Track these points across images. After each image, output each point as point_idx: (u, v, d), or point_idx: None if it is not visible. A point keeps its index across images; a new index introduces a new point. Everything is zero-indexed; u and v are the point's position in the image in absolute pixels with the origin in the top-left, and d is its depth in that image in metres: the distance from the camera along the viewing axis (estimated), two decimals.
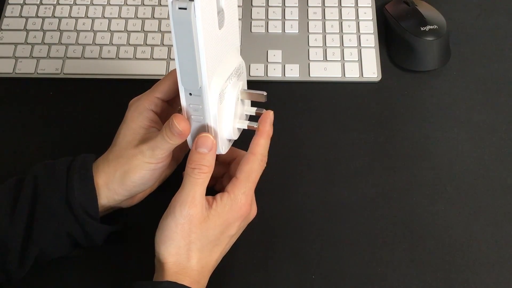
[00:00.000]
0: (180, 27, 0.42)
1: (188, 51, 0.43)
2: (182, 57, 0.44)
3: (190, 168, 0.48)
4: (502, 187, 0.59)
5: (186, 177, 0.48)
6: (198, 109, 0.47)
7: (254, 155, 0.50)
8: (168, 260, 0.47)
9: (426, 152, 0.62)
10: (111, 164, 0.51)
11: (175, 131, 0.47)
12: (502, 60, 0.68)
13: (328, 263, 0.55)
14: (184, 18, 0.41)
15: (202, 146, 0.48)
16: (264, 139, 0.51)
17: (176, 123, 0.47)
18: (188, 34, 0.42)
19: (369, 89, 0.66)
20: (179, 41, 0.43)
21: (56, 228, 0.50)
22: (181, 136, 0.48)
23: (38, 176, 0.51)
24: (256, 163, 0.50)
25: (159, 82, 0.53)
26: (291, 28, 0.70)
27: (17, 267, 0.50)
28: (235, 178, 0.50)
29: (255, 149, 0.50)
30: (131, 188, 0.51)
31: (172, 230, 0.47)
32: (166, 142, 0.48)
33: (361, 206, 0.58)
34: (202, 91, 0.46)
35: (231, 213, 0.49)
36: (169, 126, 0.47)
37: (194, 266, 0.48)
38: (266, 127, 0.51)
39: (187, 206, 0.47)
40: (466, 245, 0.56)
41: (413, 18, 0.67)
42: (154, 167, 0.50)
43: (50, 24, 0.70)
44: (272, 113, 0.52)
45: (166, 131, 0.48)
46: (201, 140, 0.48)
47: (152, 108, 0.52)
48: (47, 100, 0.66)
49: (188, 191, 0.47)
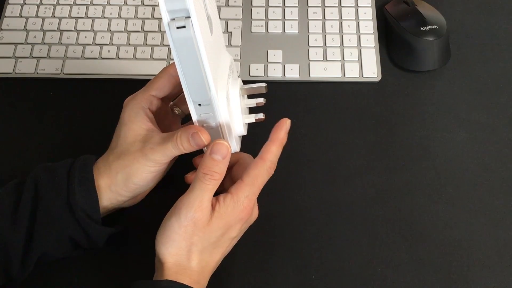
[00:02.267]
0: (182, 45, 0.42)
1: (193, 66, 0.43)
2: (188, 72, 0.44)
3: (202, 173, 0.47)
4: (502, 187, 0.59)
5: (197, 181, 0.47)
6: (209, 117, 0.48)
7: (264, 161, 0.50)
8: (168, 260, 0.47)
9: (426, 152, 0.62)
10: (112, 166, 0.51)
11: (199, 143, 0.48)
12: (502, 60, 0.68)
13: (328, 263, 0.55)
14: (184, 36, 0.41)
15: (217, 153, 0.48)
16: (276, 146, 0.50)
17: (202, 137, 0.47)
18: (191, 50, 0.42)
19: (369, 89, 0.66)
20: (182, 58, 0.43)
21: (58, 231, 0.50)
22: (200, 147, 0.48)
23: (38, 179, 0.50)
24: (264, 169, 0.50)
25: (153, 80, 0.53)
26: (291, 28, 0.70)
27: (19, 270, 0.50)
28: (241, 180, 0.49)
29: (265, 155, 0.50)
30: (133, 189, 0.51)
31: (175, 231, 0.47)
32: (178, 151, 0.48)
33: (361, 206, 0.58)
34: (211, 100, 0.46)
35: (232, 215, 0.49)
36: (186, 137, 0.48)
37: (194, 267, 0.48)
38: (280, 135, 0.51)
39: (193, 210, 0.47)
40: (466, 245, 0.56)
41: (413, 18, 0.67)
42: (156, 170, 0.50)
43: (50, 24, 0.70)
44: (289, 122, 0.51)
45: (181, 140, 0.48)
46: (217, 147, 0.48)
47: (148, 106, 0.52)
48: (47, 100, 0.66)
49: (196, 195, 0.47)
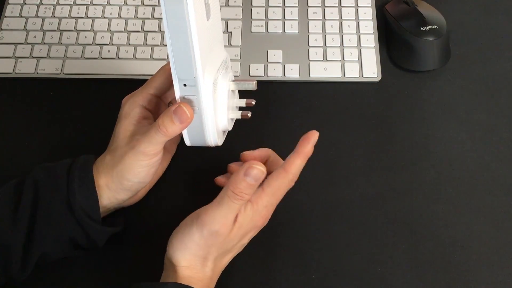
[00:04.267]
0: (173, 16, 0.43)
1: (182, 39, 0.44)
2: (176, 46, 0.44)
3: (233, 192, 0.46)
4: (502, 187, 0.59)
5: (225, 198, 0.47)
6: (193, 100, 0.48)
7: (287, 173, 0.49)
8: (182, 264, 0.47)
9: (426, 152, 0.62)
10: (109, 164, 0.51)
11: (182, 118, 0.47)
12: (502, 60, 0.68)
13: (328, 263, 0.55)
14: (177, 6, 0.42)
15: (252, 176, 0.46)
16: (301, 159, 0.49)
17: (186, 110, 0.47)
18: (182, 22, 0.43)
19: (369, 89, 0.66)
20: (172, 30, 0.43)
21: (58, 232, 0.50)
22: (184, 125, 0.47)
23: (38, 179, 0.50)
24: (286, 181, 0.49)
25: (151, 78, 0.53)
26: (291, 28, 0.70)
27: (19, 270, 0.49)
28: (261, 189, 0.49)
29: (289, 168, 0.49)
30: (129, 187, 0.51)
31: (195, 241, 0.47)
32: (162, 135, 0.48)
33: (361, 206, 0.58)
34: (196, 81, 0.46)
35: (251, 224, 0.49)
36: (169, 115, 0.47)
37: (208, 272, 0.48)
38: (307, 148, 0.49)
39: (219, 226, 0.46)
40: (466, 245, 0.56)
41: (413, 18, 0.67)
42: (147, 164, 0.50)
43: (50, 24, 0.70)
44: (317, 134, 0.50)
45: (164, 121, 0.47)
46: (252, 171, 0.46)
47: (145, 104, 0.52)
48: (47, 100, 0.66)
49: (224, 213, 0.47)
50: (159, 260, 0.50)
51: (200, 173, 0.60)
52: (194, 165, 0.60)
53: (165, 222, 0.50)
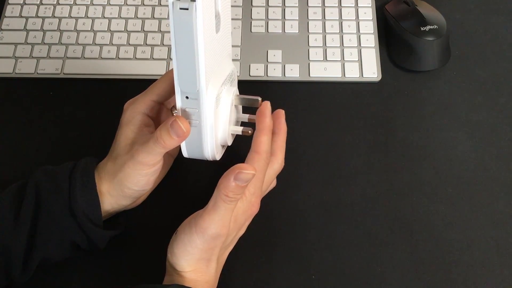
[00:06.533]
0: (180, 27, 0.41)
1: (188, 52, 0.43)
2: (181, 58, 0.43)
3: (226, 196, 0.46)
4: (502, 187, 0.59)
5: (220, 201, 0.46)
6: (194, 113, 0.47)
7: (258, 154, 0.49)
8: (187, 269, 0.47)
9: (426, 152, 0.62)
10: (110, 171, 0.50)
11: (178, 133, 0.46)
12: (502, 60, 0.68)
13: (328, 263, 0.55)
14: (185, 18, 0.41)
15: (242, 181, 0.46)
16: (265, 135, 0.49)
17: (182, 125, 0.46)
18: (188, 35, 0.42)
19: (369, 89, 0.66)
20: (178, 42, 0.42)
21: (59, 235, 0.50)
22: (181, 139, 0.47)
23: (40, 183, 0.50)
24: (262, 161, 0.49)
25: (154, 84, 0.52)
26: (291, 28, 0.70)
27: (21, 273, 0.49)
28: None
29: (258, 148, 0.49)
30: (130, 194, 0.51)
31: (197, 247, 0.46)
32: (160, 147, 0.47)
33: (361, 206, 0.58)
34: (199, 94, 0.45)
35: (244, 215, 0.49)
36: (166, 129, 0.46)
37: (212, 272, 0.48)
38: (266, 122, 0.49)
39: (219, 228, 0.46)
40: (466, 245, 0.56)
41: (413, 18, 0.67)
42: (146, 173, 0.49)
43: (50, 24, 0.70)
44: (269, 104, 0.49)
45: (162, 133, 0.46)
46: (242, 176, 0.45)
47: (147, 111, 0.52)
48: (47, 100, 0.66)
49: (222, 215, 0.46)
50: (160, 261, 0.50)
51: (200, 174, 0.60)
52: (194, 166, 0.60)
53: (165, 223, 0.50)
